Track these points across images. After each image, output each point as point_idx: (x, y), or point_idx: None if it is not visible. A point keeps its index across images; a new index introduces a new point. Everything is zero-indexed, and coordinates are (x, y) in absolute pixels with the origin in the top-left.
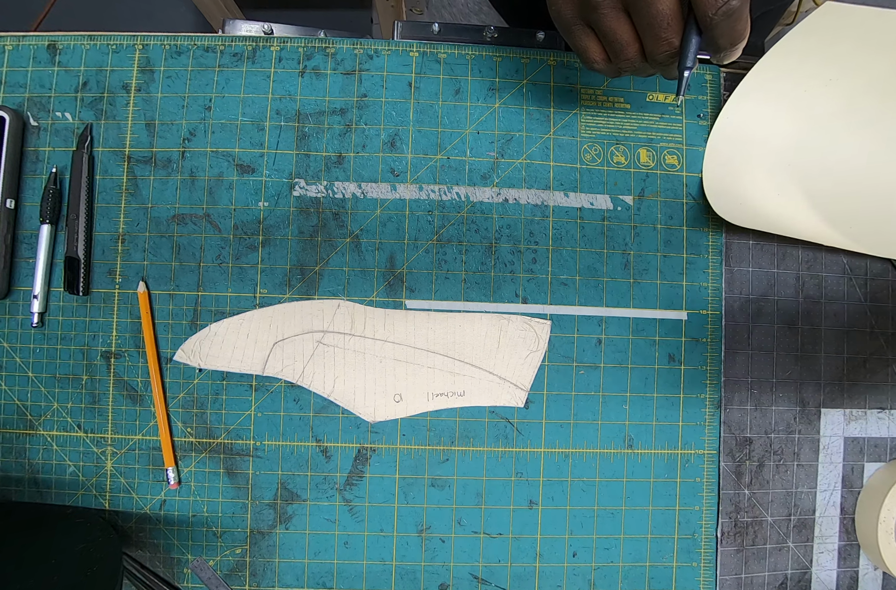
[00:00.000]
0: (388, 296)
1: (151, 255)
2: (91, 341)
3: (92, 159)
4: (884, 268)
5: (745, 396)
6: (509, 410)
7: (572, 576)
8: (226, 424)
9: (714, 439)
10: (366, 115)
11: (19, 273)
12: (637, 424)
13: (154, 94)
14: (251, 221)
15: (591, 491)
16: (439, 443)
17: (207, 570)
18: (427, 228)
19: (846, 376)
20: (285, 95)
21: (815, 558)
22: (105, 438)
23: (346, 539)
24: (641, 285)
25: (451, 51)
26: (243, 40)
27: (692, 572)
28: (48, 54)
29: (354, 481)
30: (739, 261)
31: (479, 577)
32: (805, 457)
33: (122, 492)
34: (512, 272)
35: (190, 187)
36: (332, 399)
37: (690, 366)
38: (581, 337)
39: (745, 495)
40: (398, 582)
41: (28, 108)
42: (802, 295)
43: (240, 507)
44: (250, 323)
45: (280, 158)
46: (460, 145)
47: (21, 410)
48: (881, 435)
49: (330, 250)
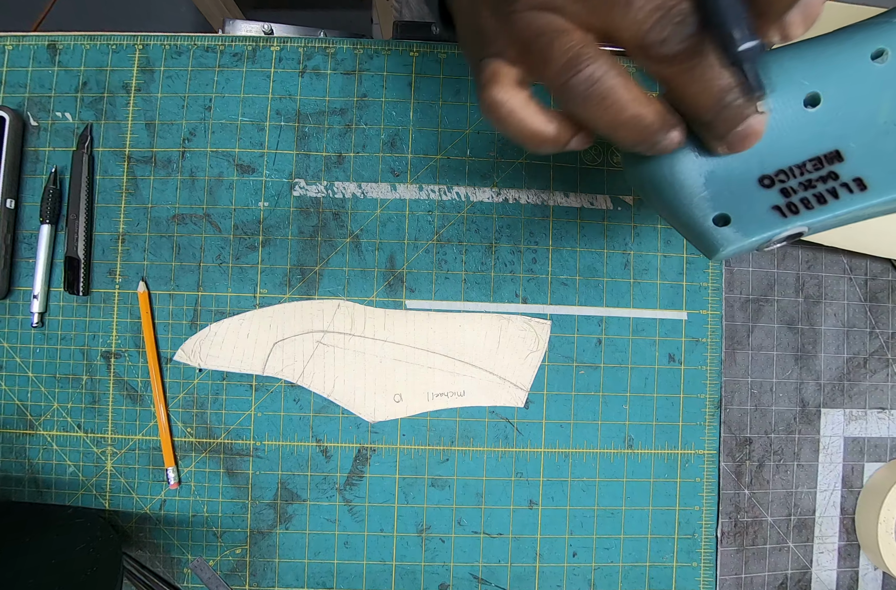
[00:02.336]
0: (388, 296)
1: (151, 255)
2: (91, 341)
3: (92, 159)
4: (884, 268)
5: (745, 396)
6: (509, 410)
7: (572, 576)
8: (226, 424)
9: (714, 439)
10: (366, 115)
11: (19, 273)
12: (637, 424)
13: (154, 94)
14: (251, 221)
15: (591, 491)
16: (439, 443)
17: (207, 570)
18: (427, 228)
19: (846, 376)
20: (285, 95)
21: (815, 558)
22: (105, 438)
23: (346, 539)
24: (641, 285)
25: (451, 51)
26: (243, 40)
27: (692, 572)
28: (48, 54)
29: (354, 481)
30: (739, 261)
31: (479, 577)
32: (805, 457)
33: (122, 492)
34: (512, 272)
35: (190, 187)
36: (332, 399)
37: (690, 366)
38: (581, 337)
39: (745, 495)
40: (398, 582)
41: (28, 108)
42: (802, 295)
43: (240, 507)
44: (250, 323)
45: (280, 158)
46: (460, 145)
47: (21, 410)
48: (881, 435)
49: (330, 250)
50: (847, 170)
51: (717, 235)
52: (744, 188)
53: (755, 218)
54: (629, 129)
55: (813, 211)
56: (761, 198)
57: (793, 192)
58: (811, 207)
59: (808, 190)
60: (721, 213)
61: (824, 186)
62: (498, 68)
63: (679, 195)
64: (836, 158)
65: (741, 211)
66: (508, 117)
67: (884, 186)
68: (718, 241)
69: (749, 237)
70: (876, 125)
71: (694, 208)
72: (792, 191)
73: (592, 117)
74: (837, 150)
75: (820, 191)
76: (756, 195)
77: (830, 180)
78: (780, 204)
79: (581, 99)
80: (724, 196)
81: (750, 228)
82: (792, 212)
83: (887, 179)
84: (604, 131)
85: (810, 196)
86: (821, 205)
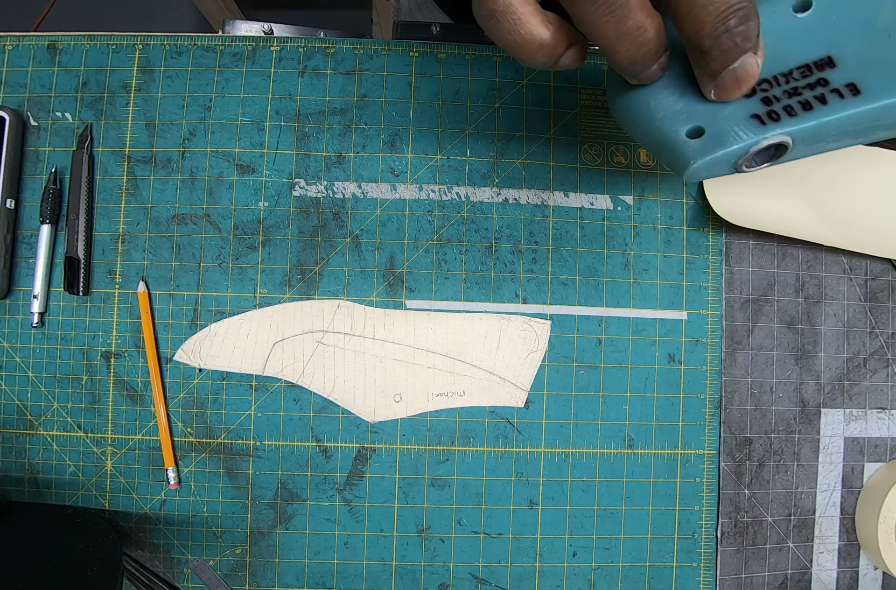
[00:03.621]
0: (388, 296)
1: (151, 255)
2: (91, 341)
3: (92, 159)
4: (884, 268)
5: (745, 396)
6: (509, 410)
7: (572, 576)
8: (226, 424)
9: (714, 439)
10: (366, 115)
11: (19, 273)
12: (637, 424)
13: (154, 94)
14: (251, 221)
15: (591, 491)
16: (439, 443)
17: (207, 570)
18: (427, 228)
19: (846, 376)
20: (285, 95)
21: (815, 558)
22: (105, 438)
23: (346, 539)
24: (641, 285)
25: (451, 51)
26: (243, 40)
27: (692, 572)
28: (48, 54)
29: (354, 481)
30: (739, 261)
31: (479, 577)
32: (805, 457)
33: (122, 492)
34: (512, 272)
35: (190, 187)
36: (332, 399)
37: (690, 366)
38: (581, 337)
39: (745, 495)
40: (398, 582)
41: (28, 108)
42: (802, 295)
43: (240, 507)
44: (250, 323)
45: (280, 158)
46: (460, 145)
47: (21, 410)
48: (881, 435)
49: (330, 250)
50: (839, 76)
51: (687, 147)
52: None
53: (731, 128)
54: (629, 42)
55: (796, 118)
56: (740, 107)
57: (776, 100)
58: (794, 114)
59: (792, 97)
60: (695, 125)
61: (811, 93)
62: None
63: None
64: (827, 64)
65: (717, 122)
66: (504, 12)
67: (881, 90)
68: (689, 153)
69: (723, 147)
70: (874, 29)
71: (666, 121)
72: (775, 99)
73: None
74: (830, 56)
75: (806, 98)
76: (734, 105)
77: (819, 87)
78: (759, 112)
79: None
80: (699, 108)
81: (724, 139)
82: (772, 119)
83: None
84: (603, 42)
85: (795, 103)
86: (806, 111)
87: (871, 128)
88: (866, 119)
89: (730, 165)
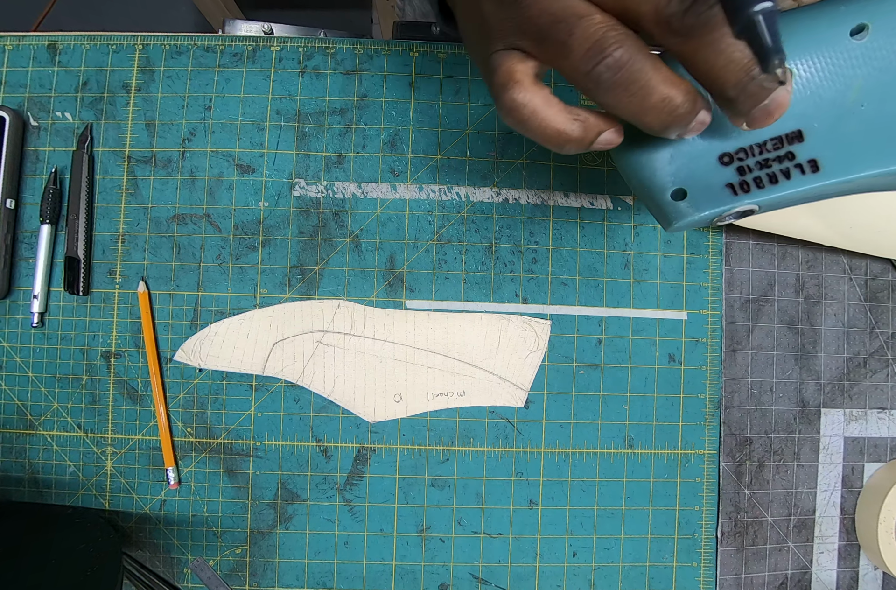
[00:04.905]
0: (388, 296)
1: (151, 255)
2: (91, 341)
3: (92, 159)
4: (884, 268)
5: (745, 396)
6: (509, 410)
7: (572, 576)
8: (226, 424)
9: (714, 439)
10: (366, 115)
11: (19, 273)
12: (637, 425)
13: (154, 94)
14: (251, 221)
15: (591, 491)
16: (439, 443)
17: (207, 570)
18: (427, 228)
19: (846, 376)
20: (285, 95)
21: (815, 558)
22: (105, 438)
23: (346, 539)
24: (641, 285)
25: (451, 51)
26: (243, 40)
27: (692, 572)
28: (48, 54)
29: (354, 481)
30: (739, 261)
31: (479, 577)
32: (805, 457)
33: (122, 492)
34: (512, 272)
35: (190, 187)
36: (332, 399)
37: (690, 366)
38: (581, 337)
39: (745, 495)
40: (398, 582)
41: (28, 108)
42: (802, 295)
43: (240, 507)
44: (250, 323)
45: (280, 158)
46: (460, 145)
47: (21, 410)
48: (881, 435)
49: (330, 250)
50: (804, 151)
51: (672, 208)
52: (704, 164)
53: (709, 194)
54: (658, 113)
55: (763, 190)
56: (718, 175)
57: (748, 170)
58: (762, 186)
59: (762, 169)
60: (679, 187)
61: (779, 166)
62: (512, 66)
63: (645, 168)
64: (796, 138)
65: (698, 187)
66: (531, 119)
67: (836, 168)
68: (672, 214)
69: (699, 212)
70: (843, 105)
71: (656, 181)
72: (748, 169)
73: (618, 104)
74: (800, 129)
75: (774, 171)
76: (714, 172)
77: (786, 160)
78: (733, 182)
79: (607, 86)
80: (685, 171)
81: (702, 204)
82: (743, 190)
83: (841, 162)
84: (630, 118)
85: (764, 175)
86: (772, 184)
87: (829, 194)
88: (824, 192)
89: (706, 223)
